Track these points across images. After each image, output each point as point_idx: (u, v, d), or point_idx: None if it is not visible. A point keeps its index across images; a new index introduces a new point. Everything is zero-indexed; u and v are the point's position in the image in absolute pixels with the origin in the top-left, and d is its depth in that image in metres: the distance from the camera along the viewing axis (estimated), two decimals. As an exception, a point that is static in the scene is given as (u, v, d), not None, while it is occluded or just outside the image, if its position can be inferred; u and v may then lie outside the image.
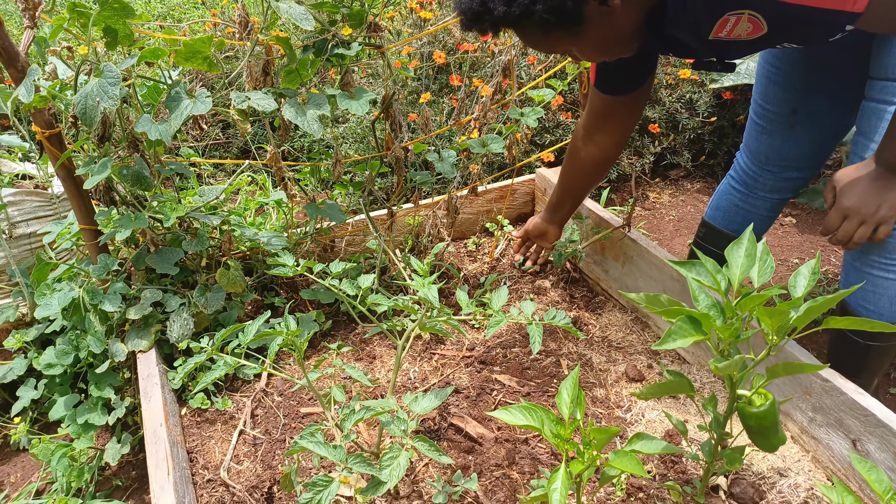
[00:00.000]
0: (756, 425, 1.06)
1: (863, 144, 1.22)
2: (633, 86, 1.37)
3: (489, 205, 2.14)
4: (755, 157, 1.54)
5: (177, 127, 1.32)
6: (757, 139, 1.51)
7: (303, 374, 1.53)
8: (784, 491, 1.29)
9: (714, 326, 0.97)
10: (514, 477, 1.37)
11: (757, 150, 1.53)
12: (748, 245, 1.06)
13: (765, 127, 1.47)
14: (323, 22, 1.42)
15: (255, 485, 1.37)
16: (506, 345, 1.71)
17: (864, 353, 1.37)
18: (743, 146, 1.60)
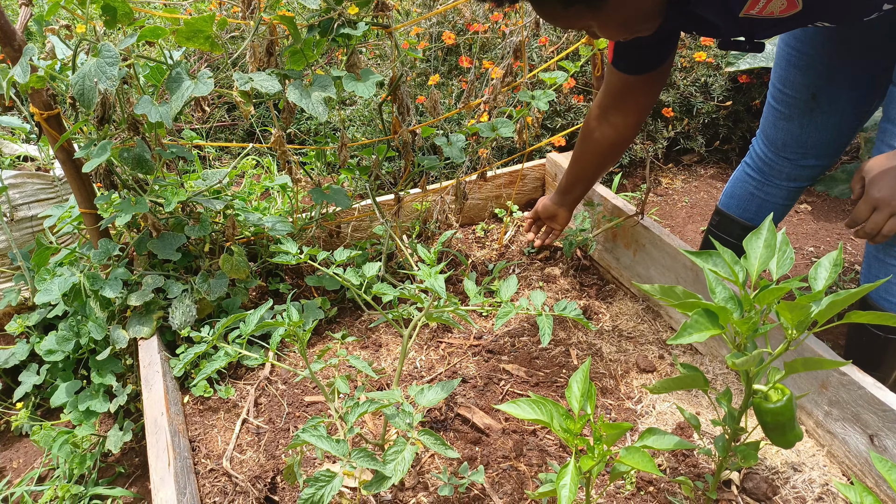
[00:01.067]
0: (772, 421, 1.02)
1: (891, 132, 1.16)
2: (653, 65, 1.32)
3: (498, 190, 2.10)
4: (772, 144, 1.49)
5: (178, 109, 1.28)
6: (774, 125, 1.46)
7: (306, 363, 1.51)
8: (798, 486, 1.26)
9: (731, 320, 0.93)
10: (521, 469, 1.34)
11: (774, 137, 1.48)
12: (767, 235, 1.01)
13: (783, 112, 1.42)
14: (329, 0, 1.38)
15: (259, 475, 1.35)
16: (514, 333, 1.68)
17: (884, 347, 1.33)
18: (759, 132, 1.55)
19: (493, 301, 1.18)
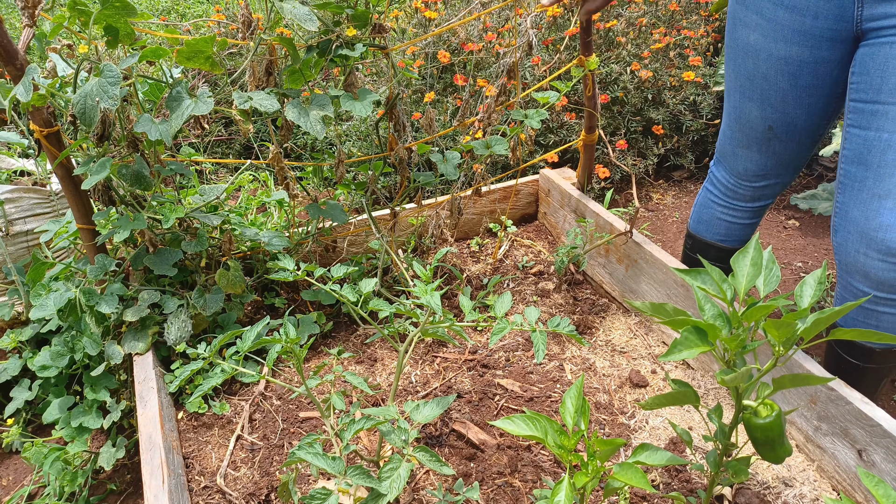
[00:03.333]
0: (762, 437, 1.04)
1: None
2: None
3: (492, 205, 2.13)
4: (733, 170, 1.53)
5: (177, 127, 1.30)
6: (734, 153, 1.49)
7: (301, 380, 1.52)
8: (789, 501, 1.27)
9: (720, 337, 0.95)
10: (516, 485, 1.35)
11: (734, 163, 1.51)
12: (754, 254, 1.04)
13: (741, 141, 1.46)
14: (327, 22, 1.40)
15: (252, 492, 1.35)
16: (509, 348, 1.70)
17: (862, 375, 1.35)
18: (718, 159, 1.58)
19: (488, 317, 1.20)
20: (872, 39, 1.16)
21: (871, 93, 1.16)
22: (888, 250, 1.18)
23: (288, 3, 1.33)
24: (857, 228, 1.22)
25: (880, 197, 1.17)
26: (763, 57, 1.29)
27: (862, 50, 1.18)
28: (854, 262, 1.24)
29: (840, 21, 1.19)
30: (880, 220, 1.17)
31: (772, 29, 1.24)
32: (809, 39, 1.22)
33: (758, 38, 1.27)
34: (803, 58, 1.25)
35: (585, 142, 1.87)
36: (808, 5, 1.19)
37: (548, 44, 2.36)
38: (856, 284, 1.26)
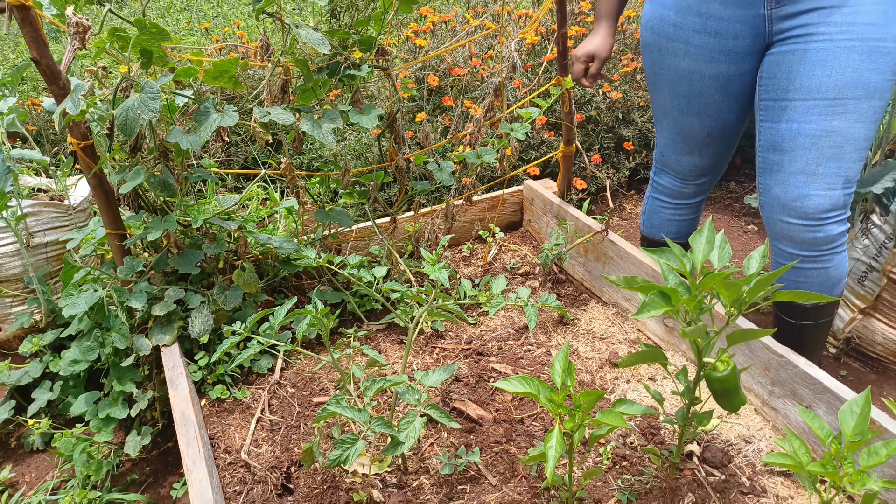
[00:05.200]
0: (720, 388, 1.23)
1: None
2: None
3: (482, 213, 2.32)
4: (677, 174, 1.75)
5: (206, 138, 1.48)
6: (677, 160, 1.71)
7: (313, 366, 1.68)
8: (749, 455, 1.46)
9: (681, 300, 1.14)
10: (511, 451, 1.51)
11: (678, 168, 1.73)
12: (708, 234, 1.24)
13: (684, 149, 1.68)
14: (336, 46, 1.60)
15: (274, 465, 1.49)
16: (500, 338, 1.87)
17: (801, 334, 1.56)
18: (660, 169, 1.79)
19: (487, 294, 1.38)
20: (776, 48, 1.40)
21: (780, 92, 1.39)
22: (805, 215, 1.41)
23: (303, 29, 1.52)
24: (779, 202, 1.44)
25: (794, 174, 1.40)
26: (697, 77, 1.51)
27: (768, 58, 1.42)
28: (781, 230, 1.47)
29: (756, 38, 1.42)
30: (797, 192, 1.41)
31: (700, 53, 1.47)
32: (734, 57, 1.45)
33: (689, 62, 1.50)
34: (731, 72, 1.48)
35: (564, 153, 2.07)
36: (729, 29, 1.42)
37: (528, 68, 2.59)
38: (785, 248, 1.49)
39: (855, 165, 1.40)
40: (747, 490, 1.39)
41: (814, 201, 1.41)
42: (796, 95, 1.38)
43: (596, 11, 1.65)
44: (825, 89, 1.35)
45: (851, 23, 1.32)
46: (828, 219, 1.43)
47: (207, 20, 4.75)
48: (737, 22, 1.41)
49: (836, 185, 1.40)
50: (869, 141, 1.39)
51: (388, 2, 1.54)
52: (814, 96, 1.36)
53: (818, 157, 1.39)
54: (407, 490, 1.42)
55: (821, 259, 1.47)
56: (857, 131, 1.36)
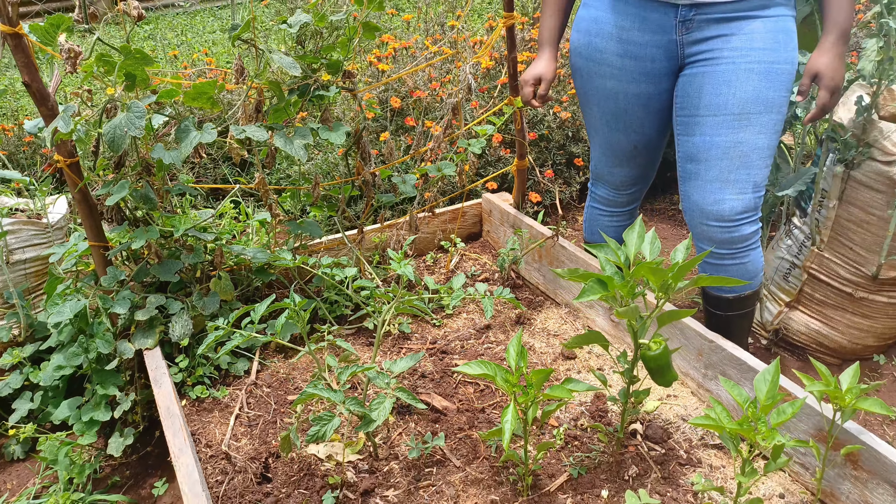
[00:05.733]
0: (654, 365, 1.40)
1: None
2: None
3: (444, 225, 2.47)
4: (611, 185, 1.94)
5: (186, 153, 1.60)
6: (609, 172, 1.91)
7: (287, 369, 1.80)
8: (686, 432, 1.62)
9: (616, 285, 1.31)
10: (474, 436, 1.65)
11: (611, 180, 1.92)
12: (639, 230, 1.41)
13: (614, 162, 1.87)
14: (306, 69, 1.75)
15: (253, 456, 1.60)
16: (462, 338, 2.01)
17: (727, 324, 1.75)
18: (595, 178, 1.98)
19: (446, 287, 1.52)
20: (688, 70, 1.61)
21: (693, 108, 1.60)
22: (722, 217, 1.61)
23: (276, 54, 1.67)
24: (699, 207, 1.64)
25: (710, 182, 1.60)
26: (621, 96, 1.71)
27: (681, 79, 1.62)
28: (701, 232, 1.66)
29: (670, 61, 1.63)
30: (713, 197, 1.60)
31: (623, 75, 1.67)
32: (653, 78, 1.65)
33: (614, 83, 1.69)
34: (650, 91, 1.68)
35: (518, 167, 2.25)
36: (647, 53, 1.62)
37: (483, 91, 2.78)
38: (705, 247, 1.68)
39: (762, 172, 1.60)
40: (685, 462, 1.55)
41: (728, 205, 1.61)
42: (707, 111, 1.58)
43: (539, 39, 1.84)
44: (731, 106, 1.55)
45: (749, 48, 1.54)
46: (741, 220, 1.62)
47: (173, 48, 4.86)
48: (653, 47, 1.62)
49: (746, 190, 1.60)
50: (772, 150, 1.60)
51: (353, 29, 1.70)
52: (722, 112, 1.57)
53: (729, 165, 1.59)
54: (378, 474, 1.55)
55: (738, 255, 1.66)
56: (761, 142, 1.57)
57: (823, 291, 2.00)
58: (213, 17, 7.16)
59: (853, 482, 1.37)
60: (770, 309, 2.14)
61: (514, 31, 2.01)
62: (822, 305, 2.02)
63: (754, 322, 2.20)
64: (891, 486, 1.30)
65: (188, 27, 6.54)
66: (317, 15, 1.70)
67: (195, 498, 1.27)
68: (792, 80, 1.59)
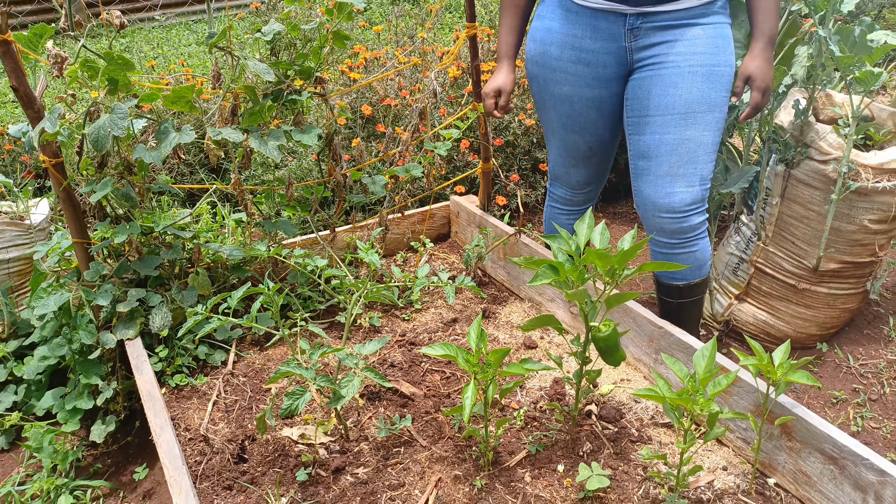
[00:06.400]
0: (603, 346, 1.51)
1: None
2: None
3: (413, 226, 2.58)
4: (568, 185, 2.06)
5: (166, 153, 1.70)
6: (567, 172, 2.03)
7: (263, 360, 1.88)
8: (638, 412, 1.74)
9: (566, 271, 1.43)
10: (440, 419, 1.75)
11: (568, 180, 2.05)
12: (588, 221, 1.54)
13: (571, 163, 2.00)
14: (280, 75, 1.86)
15: (230, 439, 1.68)
16: (430, 330, 2.12)
17: (678, 311, 1.88)
18: (553, 179, 2.10)
19: (412, 276, 1.63)
20: (636, 74, 1.74)
21: (642, 109, 1.73)
22: (672, 209, 1.73)
23: (251, 61, 1.78)
24: (650, 201, 1.76)
25: (661, 177, 1.73)
26: (576, 100, 1.83)
27: (631, 82, 1.76)
28: (653, 224, 1.79)
29: (620, 66, 1.76)
30: (664, 191, 1.73)
31: (578, 80, 1.80)
32: (605, 82, 1.79)
33: (569, 88, 1.82)
34: (603, 95, 1.81)
35: (483, 169, 2.38)
36: (599, 59, 1.76)
37: (451, 99, 2.91)
38: (657, 238, 1.81)
39: (707, 166, 1.74)
40: (636, 439, 1.66)
41: (678, 197, 1.74)
42: (656, 112, 1.72)
43: (497, 53, 1.97)
44: (678, 106, 1.69)
45: (692, 52, 1.68)
46: (690, 211, 1.76)
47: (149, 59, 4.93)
48: (604, 53, 1.75)
49: (694, 183, 1.74)
50: (716, 146, 1.74)
51: (324, 38, 1.82)
52: (669, 112, 1.70)
53: (678, 161, 1.72)
54: (349, 454, 1.64)
55: (687, 244, 1.79)
56: (705, 138, 1.71)
57: (769, 284, 2.14)
58: (188, 30, 7.24)
59: (788, 453, 1.49)
60: (721, 301, 2.27)
61: (476, 41, 2.14)
62: (769, 297, 2.16)
63: (707, 314, 2.33)
64: (821, 454, 1.42)
65: (164, 40, 6.60)
66: (289, 24, 1.82)
67: (175, 471, 1.35)
68: (731, 80, 1.73)
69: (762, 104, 1.72)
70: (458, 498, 1.51)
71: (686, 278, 1.84)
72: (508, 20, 1.90)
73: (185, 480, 1.31)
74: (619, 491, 1.51)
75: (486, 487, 1.52)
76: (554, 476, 1.56)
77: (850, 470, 1.37)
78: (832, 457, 1.39)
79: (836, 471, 1.39)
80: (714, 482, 1.53)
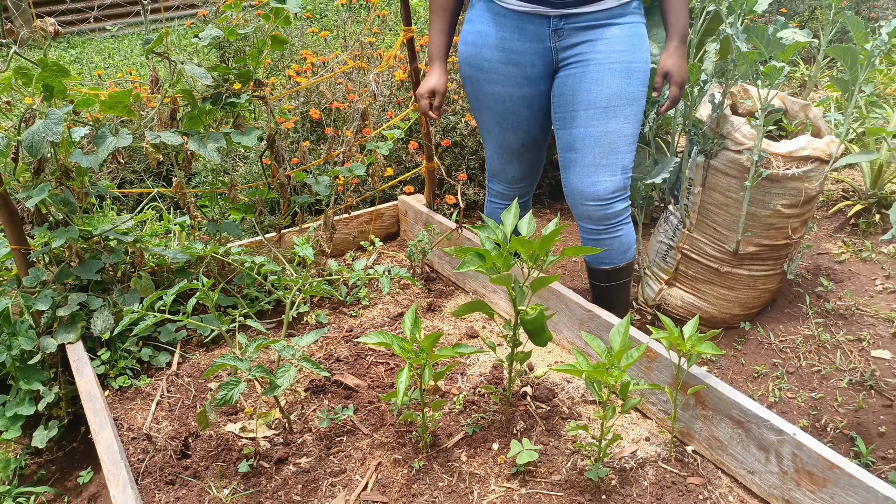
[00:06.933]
0: (531, 328, 1.59)
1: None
2: None
3: (363, 226, 2.64)
4: (505, 181, 2.15)
5: (103, 157, 1.73)
6: (502, 168, 2.12)
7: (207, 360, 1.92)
8: (570, 392, 1.83)
9: (492, 258, 1.51)
10: (382, 408, 1.81)
11: (504, 176, 2.14)
12: (514, 211, 1.62)
13: (506, 159, 2.09)
14: (217, 79, 1.90)
15: (174, 436, 1.71)
16: (377, 325, 2.18)
17: (608, 294, 1.98)
18: (491, 175, 2.19)
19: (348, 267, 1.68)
20: (562, 72, 1.84)
21: (568, 105, 1.83)
22: (598, 197, 1.83)
23: (188, 65, 1.82)
24: (577, 190, 1.86)
25: (587, 167, 1.83)
26: (508, 99, 1.92)
27: (557, 80, 1.86)
28: (581, 212, 1.88)
29: (546, 65, 1.86)
30: (590, 180, 1.83)
31: (508, 80, 1.89)
32: (533, 81, 1.88)
33: (500, 88, 1.91)
34: (532, 93, 1.90)
35: (427, 168, 2.45)
36: (526, 60, 1.85)
37: (399, 102, 2.98)
38: (586, 225, 1.91)
39: (628, 156, 1.84)
40: (567, 416, 1.75)
41: (602, 186, 1.84)
42: (580, 107, 1.81)
43: (428, 55, 2.05)
44: (600, 100, 1.79)
45: (611, 51, 1.78)
46: (614, 198, 1.86)
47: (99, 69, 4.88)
48: (531, 54, 1.85)
49: (616, 172, 1.84)
50: (635, 137, 1.84)
51: (262, 42, 1.87)
52: (593, 106, 1.80)
53: (601, 151, 1.82)
54: (293, 445, 1.68)
55: (613, 230, 1.89)
56: (625, 130, 1.81)
57: (695, 268, 2.26)
58: (141, 39, 7.17)
59: (703, 421, 1.59)
60: (653, 287, 2.38)
61: (413, 44, 2.21)
62: (695, 281, 2.27)
63: (641, 300, 2.44)
64: (731, 420, 1.52)
65: (115, 50, 6.54)
66: (227, 29, 1.86)
67: (113, 465, 1.38)
68: (647, 76, 1.84)
69: (679, 97, 1.83)
70: (397, 480, 1.57)
71: (613, 262, 1.94)
72: (438, 23, 1.98)
73: (123, 473, 1.35)
74: (549, 464, 1.59)
75: (424, 468, 1.59)
76: (489, 454, 1.63)
77: (754, 432, 1.47)
78: (739, 421, 1.49)
79: (743, 434, 1.49)
80: (637, 452, 1.62)
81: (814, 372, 2.13)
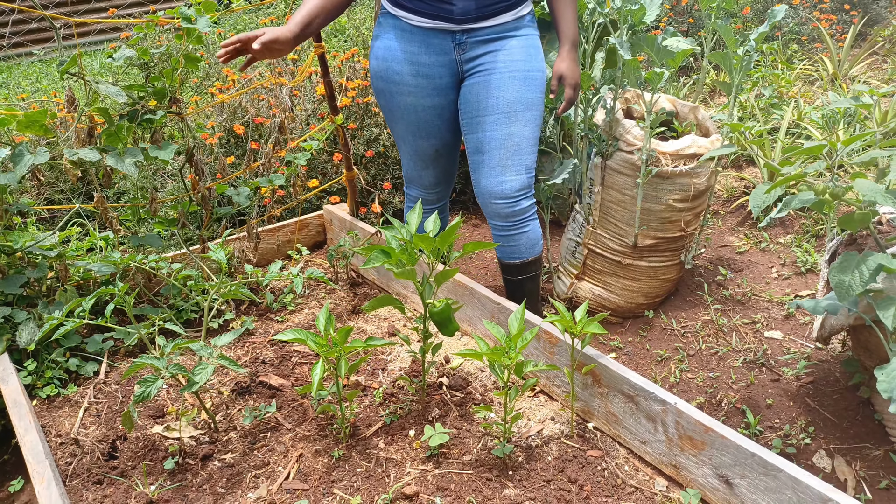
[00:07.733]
0: (439, 319, 1.72)
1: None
2: None
3: (290, 236, 2.73)
4: (422, 186, 2.29)
5: (22, 174, 1.78)
6: (419, 175, 2.25)
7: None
8: (483, 380, 1.97)
9: (397, 254, 1.63)
10: (305, 404, 1.91)
11: (420, 181, 2.27)
12: (418, 211, 1.75)
13: (420, 165, 2.23)
14: (133, 97, 1.98)
15: (101, 440, 1.77)
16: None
17: (519, 287, 2.13)
18: (408, 181, 2.32)
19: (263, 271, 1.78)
20: (467, 81, 2.00)
21: (474, 112, 1.98)
22: (505, 196, 1.98)
23: (103, 84, 1.89)
24: (486, 190, 2.01)
25: (494, 167, 1.98)
26: (420, 109, 2.07)
27: (463, 89, 2.01)
28: (491, 210, 2.04)
29: (453, 76, 2.01)
30: (497, 179, 1.98)
31: (418, 91, 2.03)
32: (441, 91, 2.03)
33: (412, 99, 2.05)
34: (442, 103, 2.05)
35: (347, 177, 2.56)
36: (434, 72, 2.00)
37: (322, 116, 3.09)
38: (496, 223, 2.06)
39: (531, 157, 2.00)
40: (479, 402, 1.88)
41: (509, 185, 1.99)
42: (485, 112, 1.97)
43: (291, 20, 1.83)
44: (502, 106, 1.95)
45: (510, 60, 1.95)
46: (520, 196, 2.01)
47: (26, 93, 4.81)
48: (438, 66, 1.99)
49: (521, 172, 1.99)
50: (536, 139, 2.01)
51: (176, 61, 1.96)
52: (496, 111, 1.96)
53: (506, 153, 1.98)
54: (217, 443, 1.76)
55: (520, 226, 2.05)
56: (527, 133, 1.98)
57: (600, 262, 2.44)
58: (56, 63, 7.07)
59: (600, 398, 1.75)
60: (564, 282, 2.56)
61: (325, 59, 2.33)
62: (601, 274, 2.46)
63: (554, 295, 2.61)
64: (622, 395, 1.68)
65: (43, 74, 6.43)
66: (140, 49, 1.95)
67: (39, 465, 1.44)
68: (544, 83, 2.01)
69: (574, 98, 2.02)
70: (318, 468, 1.67)
71: (522, 256, 2.09)
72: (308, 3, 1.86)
73: (48, 471, 1.40)
74: (462, 446, 1.71)
75: (344, 457, 1.69)
76: (405, 440, 1.74)
77: (642, 404, 1.63)
78: (629, 395, 1.66)
79: (633, 407, 1.65)
80: (542, 430, 1.76)
81: (712, 353, 2.33)
